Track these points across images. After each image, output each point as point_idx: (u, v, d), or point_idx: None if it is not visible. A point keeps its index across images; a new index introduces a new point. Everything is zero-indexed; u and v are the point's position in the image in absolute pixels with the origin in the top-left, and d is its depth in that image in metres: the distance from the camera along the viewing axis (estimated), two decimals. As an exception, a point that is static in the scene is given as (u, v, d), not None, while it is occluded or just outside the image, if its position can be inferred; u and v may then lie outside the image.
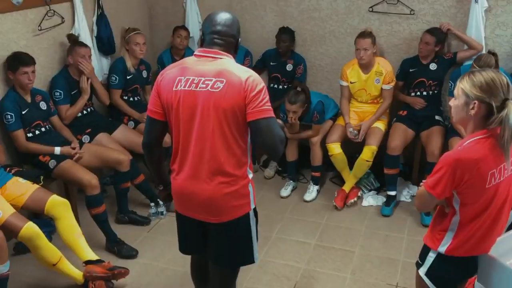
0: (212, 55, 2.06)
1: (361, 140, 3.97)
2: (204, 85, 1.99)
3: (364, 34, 3.89)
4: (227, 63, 2.05)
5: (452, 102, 1.96)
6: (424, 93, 4.03)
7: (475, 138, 1.87)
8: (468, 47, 3.88)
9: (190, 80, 2.01)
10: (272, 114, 2.01)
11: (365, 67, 3.98)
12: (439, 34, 3.91)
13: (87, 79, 3.70)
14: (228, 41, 2.10)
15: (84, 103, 3.75)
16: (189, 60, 2.10)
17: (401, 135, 3.91)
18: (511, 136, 1.80)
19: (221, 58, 2.06)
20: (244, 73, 2.01)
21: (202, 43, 2.13)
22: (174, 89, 2.03)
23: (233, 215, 2.12)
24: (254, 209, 2.19)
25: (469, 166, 1.82)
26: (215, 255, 2.25)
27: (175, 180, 2.16)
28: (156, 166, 2.32)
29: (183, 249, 2.42)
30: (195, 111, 2.01)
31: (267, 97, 2.02)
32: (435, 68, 3.97)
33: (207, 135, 2.01)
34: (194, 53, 2.12)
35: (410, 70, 4.05)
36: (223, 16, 2.10)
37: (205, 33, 2.11)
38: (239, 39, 2.17)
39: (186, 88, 2.01)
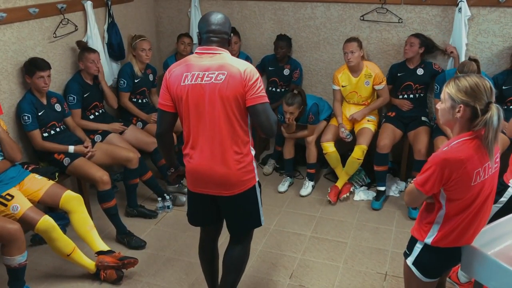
0: (211, 52, 2.21)
1: (350, 140, 3.98)
2: (209, 78, 2.15)
3: (350, 39, 3.90)
4: (226, 57, 2.20)
5: (439, 106, 1.96)
6: (411, 96, 4.04)
7: (461, 139, 1.87)
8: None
9: (195, 75, 2.16)
10: (266, 100, 2.19)
11: (355, 70, 3.98)
12: (423, 37, 3.91)
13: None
14: (222, 37, 2.24)
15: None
16: (192, 58, 2.23)
17: (389, 134, 3.91)
18: (495, 136, 1.81)
19: (219, 54, 2.21)
20: (242, 65, 2.18)
21: (200, 41, 2.27)
22: (181, 84, 2.17)
23: (243, 188, 2.30)
24: (258, 182, 2.38)
25: (456, 165, 1.82)
26: (230, 223, 2.44)
27: (189, 162, 2.30)
28: (167, 152, 2.46)
29: (194, 222, 2.57)
30: (202, 101, 2.16)
31: (262, 85, 2.20)
32: (422, 73, 3.97)
33: (216, 120, 2.17)
34: (195, 51, 2.26)
35: (398, 74, 4.06)
36: (216, 16, 2.24)
37: (202, 32, 2.25)
38: (231, 35, 2.31)
39: (193, 82, 2.16)
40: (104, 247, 3.06)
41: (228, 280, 2.52)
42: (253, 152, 2.31)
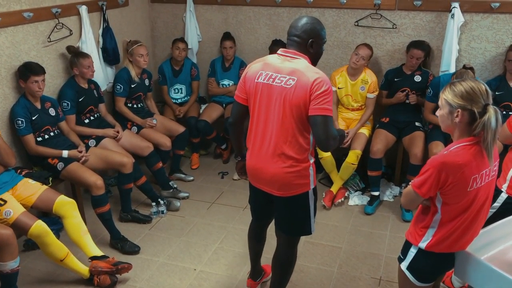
0: (290, 55, 2.23)
1: (347, 145, 3.98)
2: (280, 81, 2.19)
3: (368, 45, 3.96)
4: (301, 63, 2.20)
5: (438, 112, 1.97)
6: (407, 101, 4.05)
7: (461, 144, 1.87)
8: None
9: (268, 75, 2.22)
10: (329, 113, 2.14)
11: (353, 74, 4.00)
12: (425, 47, 3.94)
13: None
14: (300, 42, 2.23)
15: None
16: (271, 57, 2.30)
17: (382, 140, 3.92)
18: (493, 138, 1.81)
19: (297, 59, 2.22)
20: (313, 74, 2.14)
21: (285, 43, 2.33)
22: (255, 80, 2.25)
23: (294, 191, 2.33)
24: (314, 189, 2.39)
25: (454, 169, 1.83)
26: (279, 223, 2.52)
27: (249, 157, 2.40)
28: (237, 141, 2.56)
29: (256, 215, 2.69)
30: (269, 101, 2.22)
31: (330, 98, 2.14)
32: (419, 80, 3.99)
33: (275, 122, 2.22)
34: (277, 52, 2.30)
35: (395, 79, 4.06)
36: (301, 20, 2.25)
37: (288, 34, 2.29)
38: (312, 40, 2.22)
39: (265, 81, 2.23)
40: (98, 252, 3.04)
41: (277, 280, 2.65)
42: (311, 160, 2.31)
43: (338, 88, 4.08)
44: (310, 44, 2.22)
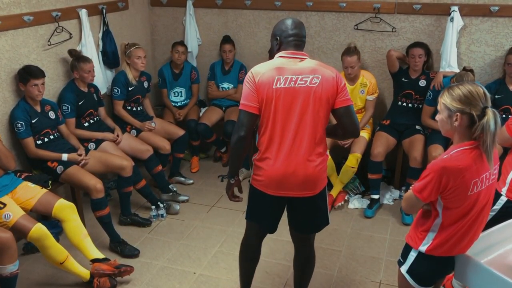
0: (299, 56, 2.28)
1: (349, 144, 3.99)
2: (303, 82, 2.20)
3: (350, 51, 3.90)
4: (313, 62, 2.28)
5: (438, 117, 1.98)
6: (410, 104, 4.05)
7: (461, 148, 1.88)
8: None
9: (289, 79, 2.20)
10: (352, 102, 2.32)
11: (351, 79, 4.01)
12: (423, 45, 3.94)
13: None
14: (304, 42, 2.34)
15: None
16: (280, 61, 2.26)
17: (383, 143, 3.92)
18: (493, 141, 1.81)
19: (307, 58, 2.29)
20: (332, 70, 2.28)
21: (280, 46, 2.32)
22: (274, 87, 2.20)
23: (322, 186, 2.39)
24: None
25: (455, 174, 1.83)
26: (302, 225, 2.50)
27: (273, 166, 2.28)
28: (242, 157, 2.36)
29: (268, 228, 2.55)
30: (295, 104, 2.20)
31: (347, 90, 2.31)
32: (424, 85, 3.98)
33: (305, 123, 2.22)
34: (281, 55, 2.29)
35: (403, 79, 4.06)
36: (299, 23, 2.33)
37: (283, 36, 2.30)
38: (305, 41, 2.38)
39: (286, 86, 2.20)
40: (99, 255, 3.05)
41: (307, 278, 2.69)
42: (327, 152, 2.41)
43: (337, 94, 4.08)
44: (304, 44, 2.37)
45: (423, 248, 2.00)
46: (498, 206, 2.51)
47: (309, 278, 2.71)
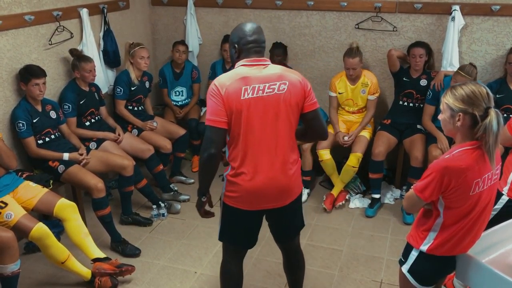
0: (262, 63, 2.19)
1: (350, 144, 3.99)
2: (271, 90, 2.13)
3: (352, 53, 3.88)
4: (277, 67, 2.22)
5: (440, 117, 1.97)
6: (411, 104, 4.05)
7: (464, 148, 1.87)
8: None
9: (256, 88, 2.11)
10: (319, 105, 2.28)
11: (353, 79, 4.00)
12: (424, 45, 3.93)
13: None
14: (264, 48, 2.25)
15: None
16: (243, 70, 2.16)
17: (384, 142, 3.92)
18: (495, 141, 1.81)
19: (270, 64, 2.22)
20: (297, 75, 2.23)
21: (240, 54, 2.21)
22: (242, 98, 2.10)
23: (299, 192, 2.36)
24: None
25: (457, 173, 1.83)
26: (284, 231, 2.47)
27: (250, 180, 2.18)
28: (213, 174, 2.23)
29: (248, 243, 2.44)
30: (265, 113, 2.13)
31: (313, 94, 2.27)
32: (425, 84, 3.98)
33: (278, 131, 2.16)
34: (243, 63, 2.19)
35: (404, 79, 4.05)
36: (254, 26, 2.23)
37: (243, 43, 2.19)
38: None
39: (254, 96, 2.11)
40: (100, 254, 3.05)
41: (301, 279, 2.67)
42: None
43: (339, 93, 4.08)
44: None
45: (424, 247, 2.00)
46: (499, 205, 2.51)
47: (302, 278, 2.69)
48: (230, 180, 2.22)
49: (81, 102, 3.71)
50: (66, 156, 3.38)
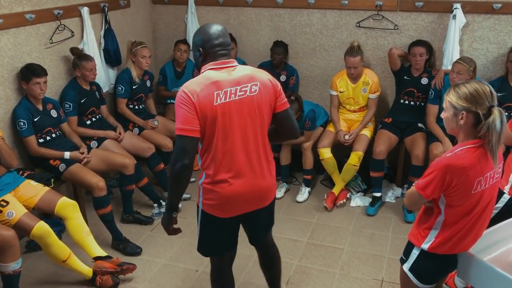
0: (231, 65, 2.12)
1: (351, 142, 3.98)
2: (243, 92, 2.06)
3: (353, 52, 3.87)
4: (246, 68, 2.17)
5: (443, 115, 1.97)
6: (412, 102, 4.04)
7: (466, 146, 1.87)
8: None
9: (228, 92, 2.04)
10: (289, 105, 2.26)
11: (353, 77, 4.00)
12: (425, 43, 3.92)
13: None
14: (230, 50, 2.17)
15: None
16: (212, 75, 2.06)
17: (385, 140, 3.92)
18: (498, 140, 1.81)
19: (238, 65, 2.15)
20: (266, 74, 2.18)
21: (206, 58, 2.12)
22: (214, 103, 2.01)
23: (276, 192, 2.37)
24: None
25: (458, 172, 1.83)
26: (260, 230, 2.45)
27: (230, 187, 2.12)
28: (184, 187, 2.14)
29: (229, 246, 2.40)
30: (240, 117, 2.06)
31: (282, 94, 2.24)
32: (426, 83, 3.97)
33: (254, 134, 2.12)
34: (210, 67, 2.09)
35: (405, 77, 4.05)
36: (219, 28, 2.14)
37: (208, 47, 2.10)
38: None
39: (227, 100, 2.03)
40: (101, 252, 3.06)
41: (279, 273, 2.69)
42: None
43: (340, 92, 4.08)
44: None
45: (425, 246, 2.00)
46: (500, 204, 2.50)
47: (280, 272, 2.69)
48: (208, 188, 2.15)
49: (82, 101, 3.71)
50: (67, 154, 3.38)
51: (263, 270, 2.67)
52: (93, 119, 3.83)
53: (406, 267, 2.08)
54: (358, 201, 4.06)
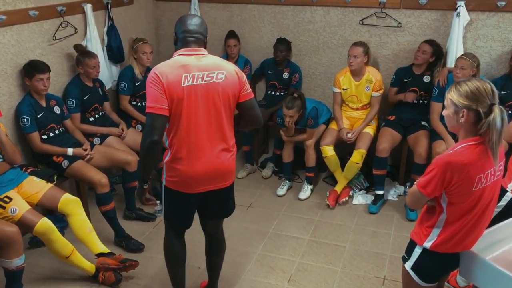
0: (200, 53, 2.28)
1: (353, 140, 3.98)
2: (209, 78, 2.22)
3: (357, 43, 3.91)
4: (214, 58, 2.32)
5: (444, 112, 1.97)
6: (415, 101, 4.03)
7: (467, 143, 1.87)
8: None
9: (196, 76, 2.19)
10: (253, 95, 2.42)
11: (356, 74, 3.99)
12: (436, 46, 3.90)
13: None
14: (202, 39, 2.33)
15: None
16: (182, 59, 2.24)
17: (388, 138, 3.91)
18: (499, 138, 1.81)
19: (207, 54, 2.31)
20: (232, 65, 2.34)
21: (180, 43, 2.30)
22: (182, 85, 2.17)
23: (233, 177, 2.49)
24: None
25: (459, 169, 1.83)
26: (216, 211, 2.58)
27: (188, 165, 2.29)
28: (157, 162, 2.37)
29: (188, 223, 2.56)
30: (204, 101, 2.21)
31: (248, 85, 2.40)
32: (428, 81, 3.96)
33: (218, 118, 2.26)
34: (181, 53, 2.27)
35: (405, 80, 4.04)
36: (194, 18, 2.34)
37: (179, 33, 2.30)
38: (207, 37, 2.40)
39: (194, 83, 2.19)
40: (104, 249, 3.06)
41: (221, 262, 2.77)
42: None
43: (343, 89, 4.07)
44: (206, 40, 2.38)
45: (427, 244, 2.00)
46: (503, 202, 2.50)
47: (222, 262, 2.78)
48: (170, 166, 2.33)
49: (85, 98, 3.71)
50: (70, 151, 3.39)
51: (207, 256, 2.77)
52: (96, 116, 3.84)
53: (408, 265, 2.08)
54: (361, 199, 4.06)
